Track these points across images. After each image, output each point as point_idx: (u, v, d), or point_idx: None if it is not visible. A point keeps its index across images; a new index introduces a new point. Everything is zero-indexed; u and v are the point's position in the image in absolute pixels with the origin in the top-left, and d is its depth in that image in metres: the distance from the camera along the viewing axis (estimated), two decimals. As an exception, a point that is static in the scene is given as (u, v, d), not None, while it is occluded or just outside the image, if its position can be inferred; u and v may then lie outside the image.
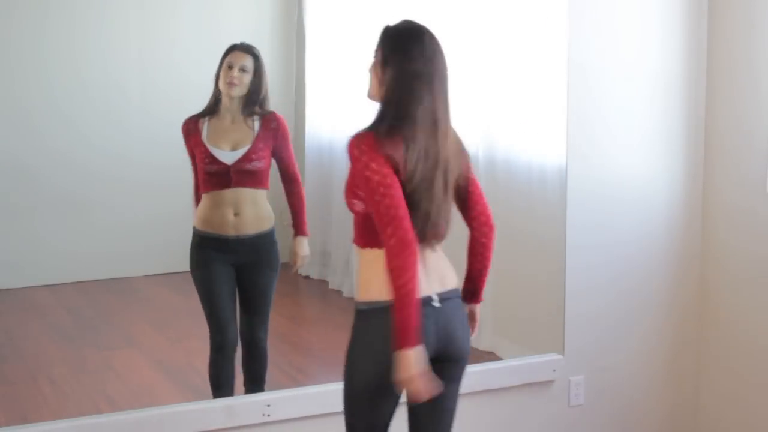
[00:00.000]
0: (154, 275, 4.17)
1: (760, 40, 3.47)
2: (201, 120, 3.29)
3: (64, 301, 5.28)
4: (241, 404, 3.02)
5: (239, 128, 3.28)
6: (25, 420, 3.34)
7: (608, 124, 3.58)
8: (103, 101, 4.25)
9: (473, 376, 3.02)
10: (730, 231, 3.68)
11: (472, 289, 2.54)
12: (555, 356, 3.57)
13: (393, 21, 2.33)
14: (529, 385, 3.53)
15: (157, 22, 5.94)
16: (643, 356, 3.77)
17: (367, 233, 2.25)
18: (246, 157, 3.26)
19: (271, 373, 4.12)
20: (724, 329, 3.73)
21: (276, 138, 3.32)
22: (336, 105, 5.63)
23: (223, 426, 2.95)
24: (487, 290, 4.34)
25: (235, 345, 3.34)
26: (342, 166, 6.01)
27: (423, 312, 2.18)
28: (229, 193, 3.25)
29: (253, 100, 3.29)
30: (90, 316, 4.92)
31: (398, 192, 2.17)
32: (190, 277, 4.18)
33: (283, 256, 6.24)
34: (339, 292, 5.50)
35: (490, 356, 4.09)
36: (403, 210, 2.17)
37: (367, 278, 2.26)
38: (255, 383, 3.45)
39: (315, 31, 5.91)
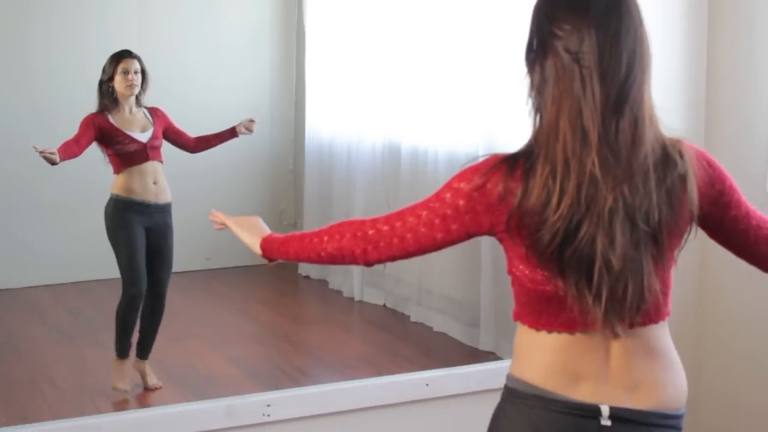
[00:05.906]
0: (154, 275, 4.17)
1: (760, 40, 3.47)
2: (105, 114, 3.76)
3: (64, 301, 5.29)
4: (241, 404, 3.02)
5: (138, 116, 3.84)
6: (25, 420, 3.34)
7: (608, 124, 3.58)
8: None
9: (473, 375, 3.02)
10: (730, 231, 3.67)
11: None
12: (555, 356, 3.57)
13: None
14: (529, 385, 3.53)
15: (158, 23, 5.96)
16: (643, 356, 3.76)
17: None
18: (155, 136, 3.81)
19: (271, 373, 4.13)
20: (723, 328, 3.73)
21: (165, 123, 3.88)
22: (336, 105, 5.63)
23: (223, 426, 2.94)
24: (488, 290, 4.36)
25: (143, 297, 3.76)
26: (341, 165, 6.01)
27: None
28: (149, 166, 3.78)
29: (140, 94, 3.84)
30: (90, 316, 4.92)
31: None
32: (190, 277, 4.19)
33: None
34: (339, 292, 5.50)
35: (490, 356, 4.10)
36: None
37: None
38: (150, 335, 3.88)
39: (315, 31, 5.91)
